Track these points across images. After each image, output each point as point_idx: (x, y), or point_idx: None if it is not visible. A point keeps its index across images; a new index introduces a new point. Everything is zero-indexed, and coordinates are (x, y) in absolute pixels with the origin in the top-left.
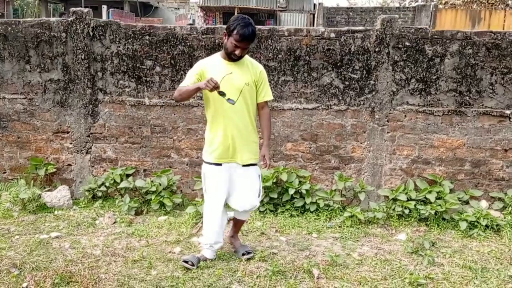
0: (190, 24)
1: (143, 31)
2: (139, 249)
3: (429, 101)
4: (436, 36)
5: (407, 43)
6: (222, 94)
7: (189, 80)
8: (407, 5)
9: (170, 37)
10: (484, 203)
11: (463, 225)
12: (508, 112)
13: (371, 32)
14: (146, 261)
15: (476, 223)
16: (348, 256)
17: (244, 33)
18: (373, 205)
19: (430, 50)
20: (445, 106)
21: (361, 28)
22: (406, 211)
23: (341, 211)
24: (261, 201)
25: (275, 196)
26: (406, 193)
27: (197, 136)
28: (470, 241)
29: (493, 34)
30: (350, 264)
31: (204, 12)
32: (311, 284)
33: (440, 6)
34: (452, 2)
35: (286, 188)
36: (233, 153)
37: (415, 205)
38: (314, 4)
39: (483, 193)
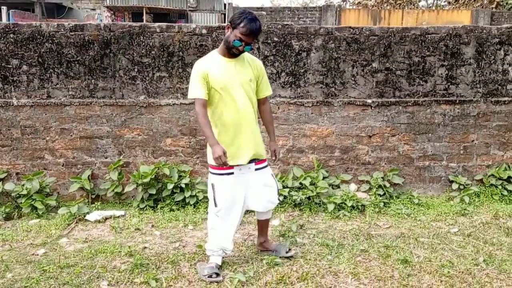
0: None
1: (7, 29)
2: None
3: (299, 93)
4: (301, 32)
5: (275, 39)
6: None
7: (199, 91)
8: (312, 6)
9: (36, 34)
10: (353, 186)
11: (331, 207)
12: (369, 101)
13: None
14: (3, 264)
15: (343, 205)
16: None
17: (251, 27)
18: None
19: (297, 45)
20: (314, 98)
21: None
22: (281, 198)
23: None
24: (141, 198)
25: (154, 192)
26: (284, 181)
27: (71, 136)
28: (337, 221)
29: (351, 29)
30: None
31: (112, 12)
32: (173, 272)
33: (350, 7)
34: (364, 2)
35: (166, 183)
36: (243, 151)
37: (289, 192)
38: (225, 4)
39: (352, 177)
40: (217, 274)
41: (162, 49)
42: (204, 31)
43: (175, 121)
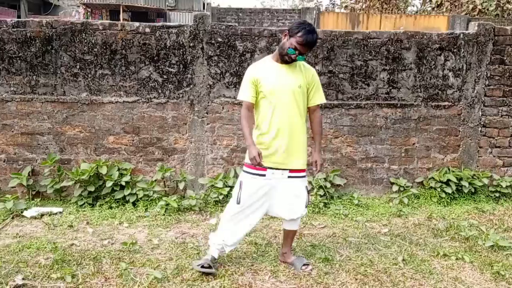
0: None
1: None
2: None
3: None
4: (245, 33)
5: (219, 39)
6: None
7: (246, 94)
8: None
9: None
10: None
11: None
12: None
13: (185, 28)
14: None
15: None
16: (148, 242)
17: (308, 39)
18: (189, 193)
19: (241, 46)
20: None
21: (175, 24)
22: (221, 197)
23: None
24: (80, 195)
25: (93, 189)
26: (224, 181)
27: (12, 131)
28: (275, 220)
29: None
30: (145, 249)
31: (90, 10)
32: (92, 269)
33: (338, 9)
34: (351, 6)
35: (105, 181)
36: (282, 156)
37: (228, 191)
38: (204, 4)
39: None
40: (210, 266)
41: (104, 47)
42: (147, 30)
43: (118, 119)
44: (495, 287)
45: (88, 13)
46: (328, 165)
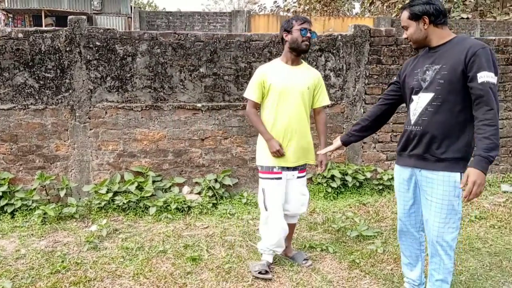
0: None
1: None
2: None
3: (127, 98)
4: (125, 37)
5: (97, 43)
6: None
7: (252, 94)
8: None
9: None
10: (186, 189)
11: (153, 210)
12: (199, 105)
13: (61, 33)
14: None
15: (168, 207)
16: (15, 253)
17: (302, 18)
18: (70, 200)
19: (121, 49)
20: (143, 102)
21: (49, 28)
22: (103, 203)
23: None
24: None
25: None
26: (109, 187)
27: None
28: (158, 224)
29: (177, 35)
30: (9, 259)
31: (11, 15)
32: None
33: (282, 13)
34: (293, 9)
35: None
36: (291, 156)
37: (111, 197)
38: (131, 7)
39: (186, 179)
40: (267, 272)
41: None
42: (20, 35)
43: None
44: (348, 275)
45: (10, 19)
46: (220, 166)
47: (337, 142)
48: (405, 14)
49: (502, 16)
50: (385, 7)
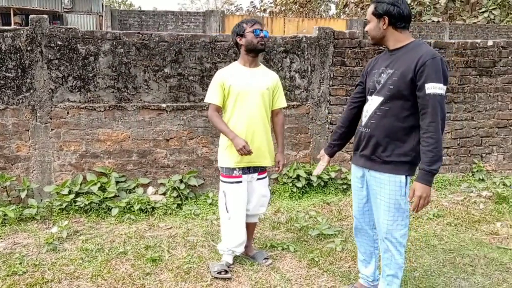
0: None
1: None
2: None
3: (90, 98)
4: (87, 36)
5: (59, 42)
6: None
7: (214, 98)
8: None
9: None
10: (151, 189)
11: (115, 211)
12: (164, 105)
13: (22, 32)
14: None
15: (132, 208)
16: None
17: (252, 20)
18: (31, 202)
19: (83, 49)
20: (106, 102)
21: (10, 27)
22: (65, 205)
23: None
24: None
25: None
26: (70, 188)
27: None
28: (120, 225)
29: (140, 35)
30: None
31: None
32: None
33: (258, 13)
34: (269, 10)
35: None
36: (254, 155)
37: (73, 198)
38: (103, 6)
39: (151, 180)
40: (226, 271)
41: None
42: None
43: None
44: (306, 273)
45: None
46: (185, 166)
47: (324, 158)
48: (371, 8)
49: (471, 19)
50: (359, 9)
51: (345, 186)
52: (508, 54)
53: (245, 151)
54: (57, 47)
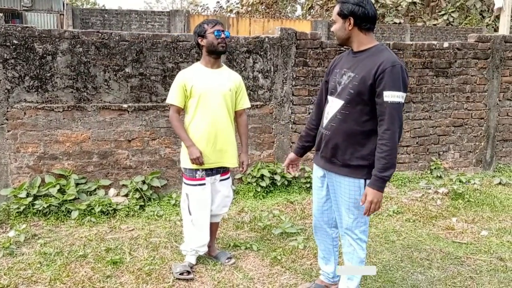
0: None
1: None
2: None
3: (48, 98)
4: (44, 35)
5: (15, 41)
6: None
7: (175, 99)
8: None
9: None
10: (112, 191)
11: (75, 214)
12: (125, 105)
13: None
14: None
15: (92, 211)
16: None
17: (213, 20)
18: None
19: (40, 48)
20: (64, 102)
21: None
22: (22, 208)
23: None
24: None
25: None
26: (28, 190)
27: None
28: (81, 228)
29: (100, 34)
30: None
31: None
32: None
33: (225, 13)
34: (236, 10)
35: None
36: (217, 156)
37: (31, 201)
38: (64, 4)
39: (113, 181)
40: (189, 272)
41: None
42: None
43: None
44: (269, 271)
45: None
46: (148, 167)
47: (294, 158)
48: (336, 8)
49: (431, 21)
50: (324, 10)
51: (308, 185)
52: (463, 55)
53: (197, 162)
54: (13, 46)
